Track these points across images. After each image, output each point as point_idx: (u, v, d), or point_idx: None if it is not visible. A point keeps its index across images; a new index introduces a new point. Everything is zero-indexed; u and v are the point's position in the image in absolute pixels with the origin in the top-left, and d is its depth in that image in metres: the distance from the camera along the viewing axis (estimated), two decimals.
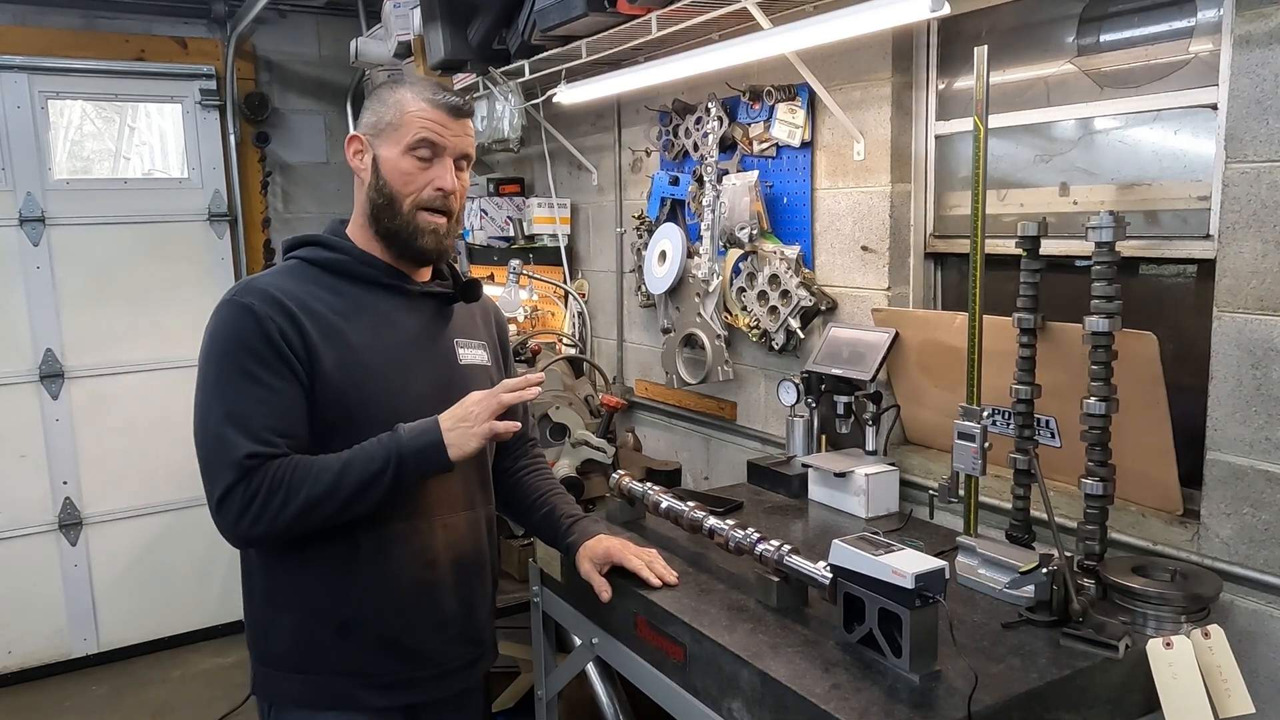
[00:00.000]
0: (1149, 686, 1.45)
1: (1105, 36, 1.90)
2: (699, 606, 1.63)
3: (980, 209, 1.74)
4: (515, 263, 3.19)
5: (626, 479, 2.07)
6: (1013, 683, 1.36)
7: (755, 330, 2.55)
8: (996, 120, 1.97)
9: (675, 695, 1.61)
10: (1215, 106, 1.68)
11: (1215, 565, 1.65)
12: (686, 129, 2.80)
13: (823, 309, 2.40)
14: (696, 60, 2.23)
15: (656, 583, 1.69)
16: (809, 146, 2.41)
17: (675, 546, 1.92)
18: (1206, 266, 1.70)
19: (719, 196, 2.55)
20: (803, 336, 2.43)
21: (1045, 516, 1.63)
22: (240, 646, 1.67)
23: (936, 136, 2.22)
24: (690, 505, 1.87)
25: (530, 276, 3.28)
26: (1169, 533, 1.73)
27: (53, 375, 3.78)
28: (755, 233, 2.49)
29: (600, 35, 2.46)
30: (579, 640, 1.94)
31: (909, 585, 1.33)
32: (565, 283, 3.45)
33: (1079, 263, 1.69)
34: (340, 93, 4.22)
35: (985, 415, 1.77)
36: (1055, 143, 2.02)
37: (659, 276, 2.89)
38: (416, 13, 3.13)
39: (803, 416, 2.36)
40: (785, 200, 2.51)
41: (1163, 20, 1.79)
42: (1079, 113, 1.95)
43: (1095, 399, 1.64)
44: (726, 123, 2.60)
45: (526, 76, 2.88)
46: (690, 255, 2.79)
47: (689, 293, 2.76)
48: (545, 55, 2.70)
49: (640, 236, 3.05)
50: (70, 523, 3.86)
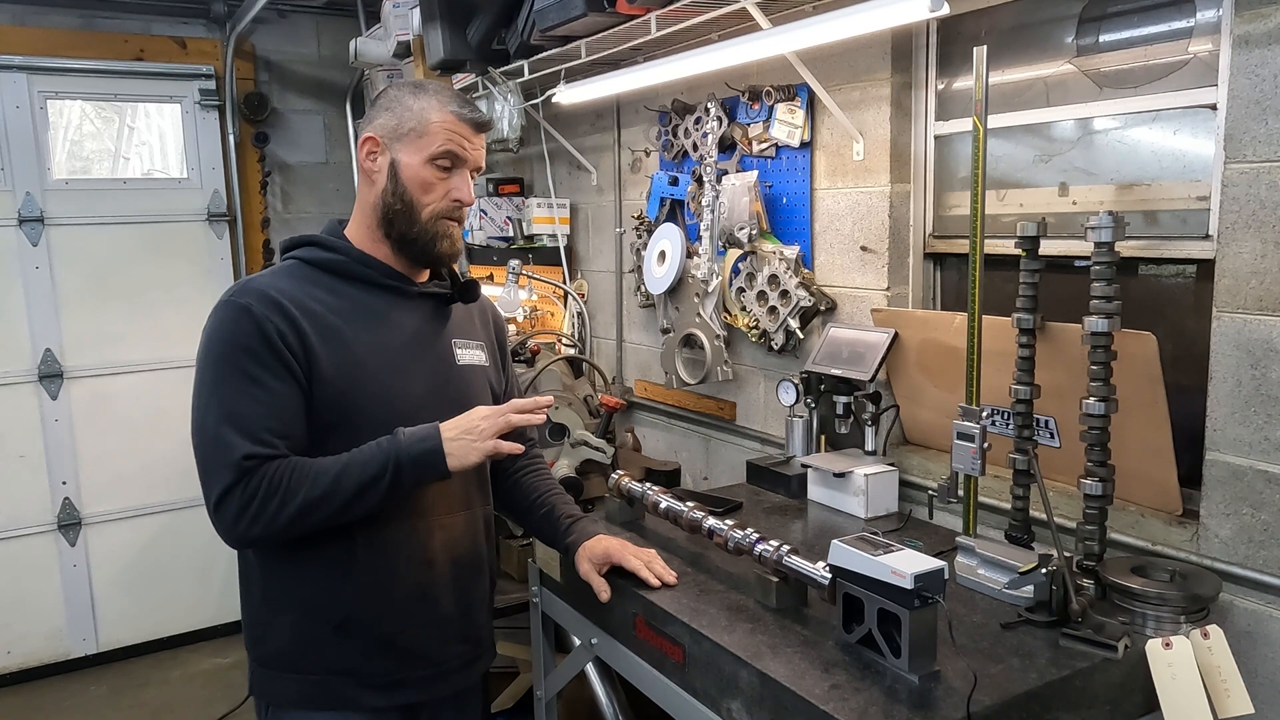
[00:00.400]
0: (1148, 687, 1.45)
1: (1104, 37, 1.90)
2: (698, 607, 1.63)
3: (979, 209, 1.74)
4: (515, 263, 3.19)
5: (626, 479, 2.07)
6: (1012, 683, 1.36)
7: (754, 330, 2.55)
8: (996, 120, 1.96)
9: (674, 695, 1.61)
10: (1214, 107, 1.68)
11: (1214, 565, 1.66)
12: (686, 129, 2.80)
13: (822, 309, 2.40)
14: (696, 60, 2.23)
15: (655, 583, 1.69)
16: (808, 147, 2.41)
17: (674, 547, 1.92)
18: (1206, 267, 1.70)
19: (718, 197, 2.55)
20: (802, 337, 2.43)
21: (1044, 517, 1.63)
22: (239, 647, 1.67)
23: (936, 136, 2.22)
24: (689, 505, 1.87)
25: (529, 276, 3.28)
26: (1168, 533, 1.73)
27: (52, 375, 3.77)
28: (754, 233, 2.49)
29: (599, 35, 2.46)
30: (578, 640, 1.94)
31: (908, 585, 1.33)
32: (564, 283, 3.45)
33: (1078, 263, 1.69)
34: (340, 93, 4.22)
35: (984, 415, 1.77)
36: (1054, 143, 2.02)
37: (658, 277, 2.89)
38: (416, 13, 3.13)
39: (802, 417, 2.36)
40: (784, 200, 2.51)
41: (1162, 20, 1.79)
42: (1078, 113, 1.95)
43: (1094, 399, 1.64)
44: (726, 123, 2.60)
45: (526, 76, 2.88)
46: (689, 255, 2.79)
47: (688, 293, 2.76)
48: (544, 55, 2.70)
49: (639, 237, 3.05)
50: (69, 523, 3.86)
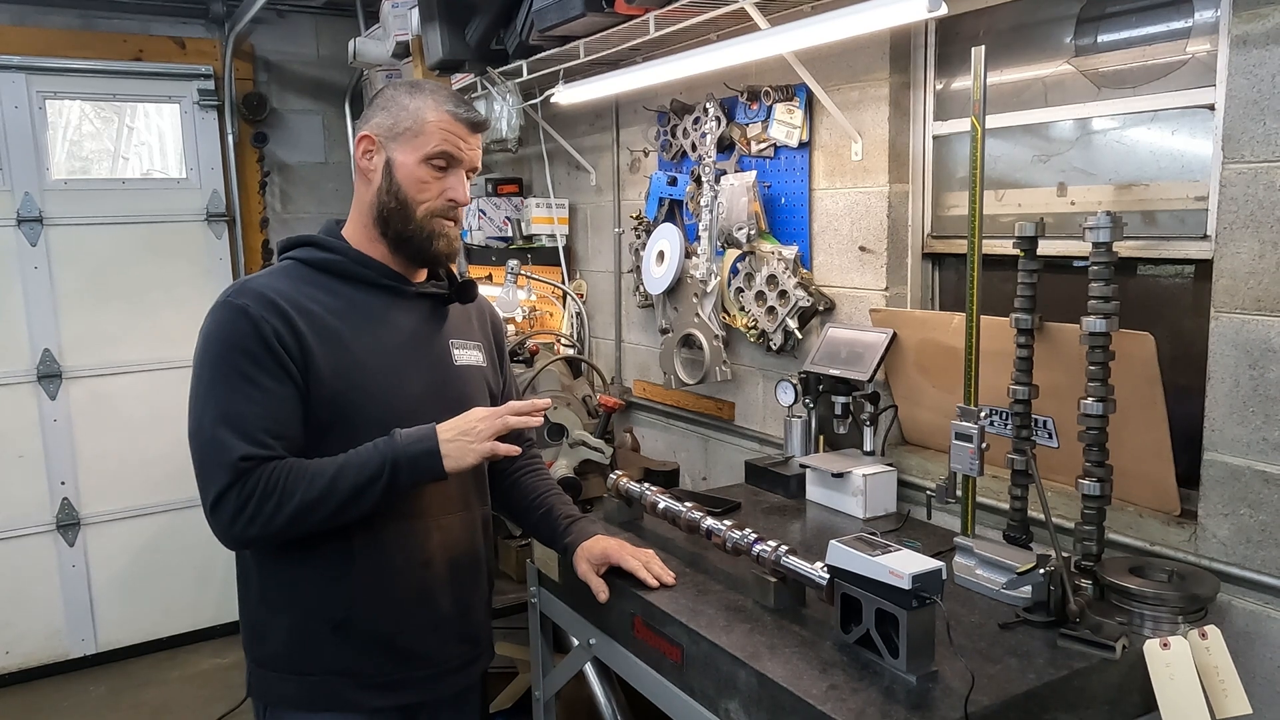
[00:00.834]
0: (1146, 687, 1.45)
1: (1103, 37, 1.90)
2: (696, 607, 1.63)
3: (978, 209, 1.74)
4: (513, 263, 3.19)
5: (624, 479, 2.07)
6: (1010, 683, 1.36)
7: (753, 330, 2.55)
8: (994, 120, 1.96)
9: (673, 696, 1.61)
10: (1212, 107, 1.68)
11: (1212, 566, 1.66)
12: (684, 129, 2.80)
13: (820, 309, 2.40)
14: (694, 60, 2.23)
15: (654, 583, 1.69)
16: (807, 147, 2.41)
17: (673, 547, 1.92)
18: (1204, 267, 1.70)
19: (717, 197, 2.55)
20: (800, 337, 2.43)
21: (1043, 517, 1.63)
22: (238, 647, 1.67)
23: (934, 137, 2.22)
24: (688, 506, 1.87)
25: (528, 277, 3.28)
26: (1166, 533, 1.73)
27: (50, 375, 3.77)
28: (753, 233, 2.49)
29: (598, 35, 2.46)
30: (576, 641, 1.94)
31: (906, 586, 1.33)
32: (563, 283, 3.45)
33: (1076, 263, 1.70)
34: (338, 93, 4.22)
35: (983, 415, 1.77)
36: (1053, 143, 2.02)
37: (657, 277, 2.89)
38: (414, 13, 3.13)
39: (800, 417, 2.36)
40: (783, 200, 2.51)
41: (1160, 21, 1.79)
42: (1076, 113, 1.95)
43: (1093, 399, 1.64)
44: (724, 123, 2.60)
45: (524, 77, 2.88)
46: (688, 255, 2.78)
47: (687, 293, 2.76)
48: (543, 55, 2.70)
49: (638, 237, 3.05)
50: (68, 523, 3.85)
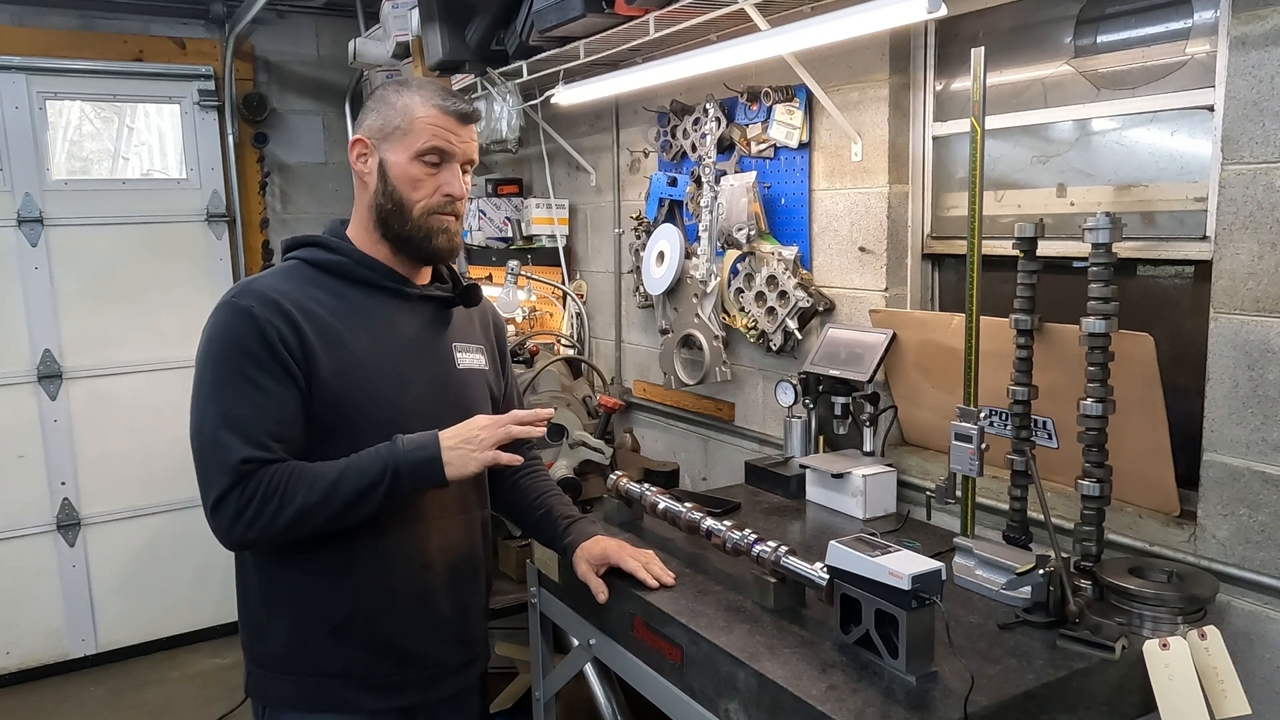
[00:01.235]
0: (1145, 688, 1.45)
1: (1102, 38, 1.90)
2: (696, 608, 1.63)
3: (977, 210, 1.74)
4: (513, 263, 3.19)
5: (624, 480, 2.07)
6: (1009, 684, 1.36)
7: (753, 331, 2.55)
8: (994, 121, 1.96)
9: (672, 696, 1.61)
10: (1212, 108, 1.68)
11: (1212, 566, 1.66)
12: (684, 130, 2.80)
13: (820, 310, 2.40)
14: (694, 61, 2.23)
15: (654, 584, 1.69)
16: (806, 147, 2.41)
17: (673, 547, 1.92)
18: (1203, 268, 1.70)
19: (717, 197, 2.55)
20: (800, 337, 2.43)
21: (1042, 517, 1.63)
22: (238, 647, 1.67)
23: (934, 138, 2.22)
24: (688, 506, 1.87)
25: (528, 277, 3.28)
26: (1166, 534, 1.74)
27: (51, 376, 3.77)
28: (753, 233, 2.49)
29: (598, 36, 2.46)
30: (576, 641, 1.94)
31: (905, 586, 1.33)
32: (563, 283, 3.45)
33: (1076, 264, 1.70)
34: (339, 93, 4.22)
35: (982, 416, 1.77)
36: (1052, 144, 2.02)
37: (657, 277, 2.89)
38: (414, 13, 3.13)
39: (800, 417, 2.36)
40: (783, 201, 2.51)
41: (1159, 21, 1.79)
42: (1076, 114, 1.95)
43: (1092, 400, 1.64)
44: (724, 124, 2.60)
45: (525, 77, 2.88)
46: (688, 256, 2.78)
47: (687, 293, 2.76)
48: (543, 56, 2.70)
49: (638, 237, 3.05)
50: (68, 523, 3.86)
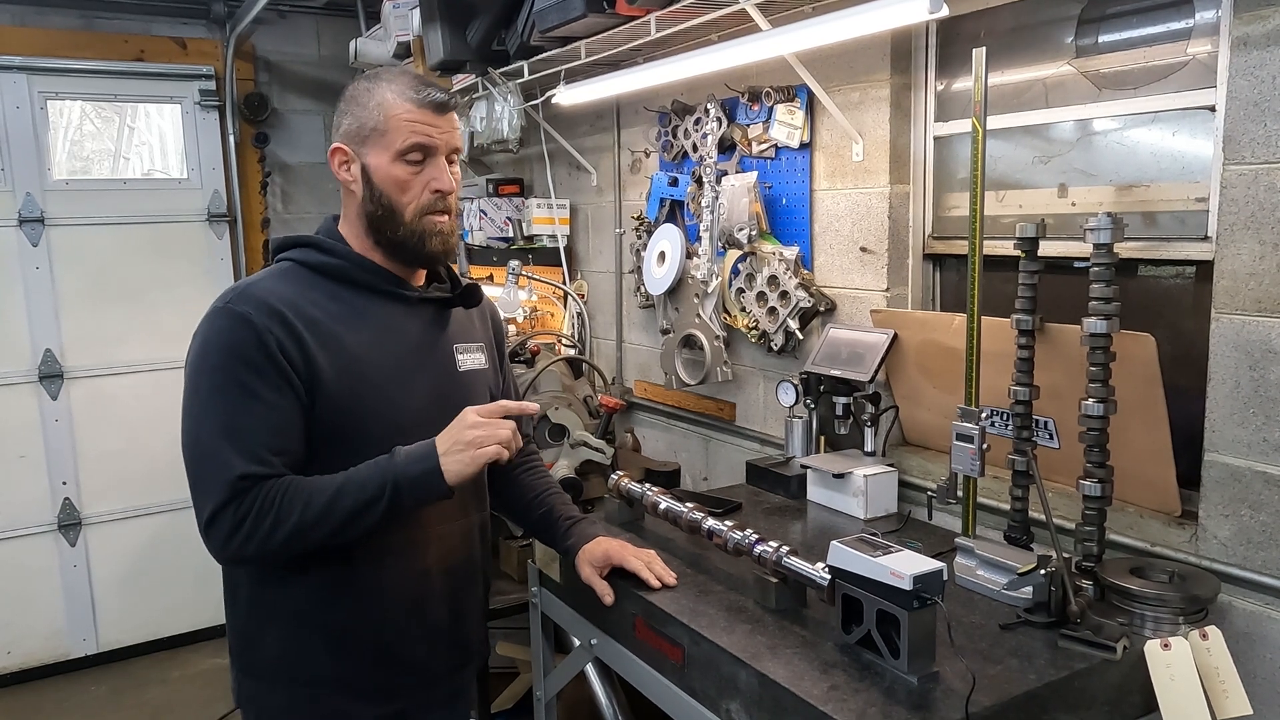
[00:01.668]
0: (1147, 688, 1.45)
1: (1104, 38, 1.90)
2: (697, 608, 1.63)
3: (979, 210, 1.74)
4: (514, 263, 3.19)
5: (625, 480, 2.07)
6: (1010, 684, 1.36)
7: (754, 331, 2.55)
8: (995, 121, 1.96)
9: (674, 696, 1.61)
10: (1213, 108, 1.68)
11: (1213, 567, 1.66)
12: (685, 130, 2.80)
13: (821, 310, 2.40)
14: (695, 61, 2.23)
15: (655, 584, 1.69)
16: (808, 147, 2.41)
17: (674, 547, 1.92)
18: (1205, 268, 1.70)
19: (718, 197, 2.55)
20: (801, 337, 2.43)
21: (1043, 518, 1.63)
22: None
23: (935, 138, 2.22)
24: (689, 506, 1.87)
25: (529, 277, 3.28)
26: (1167, 534, 1.74)
27: (52, 376, 3.77)
28: (754, 234, 2.49)
29: (599, 36, 2.46)
30: (577, 641, 1.94)
31: (907, 586, 1.33)
32: (564, 283, 3.45)
33: (1077, 264, 1.69)
34: (340, 93, 4.19)
35: (984, 416, 1.77)
36: (1054, 144, 2.02)
37: (658, 277, 2.89)
38: (416, 13, 3.13)
39: (801, 417, 2.36)
40: (784, 201, 2.51)
41: (1161, 22, 1.79)
42: (1077, 114, 1.95)
43: (1093, 400, 1.64)
44: (725, 124, 2.60)
45: (526, 77, 2.88)
46: (689, 256, 2.79)
47: (688, 293, 2.76)
48: (544, 56, 2.70)
49: (639, 237, 3.05)
50: (69, 523, 3.86)
